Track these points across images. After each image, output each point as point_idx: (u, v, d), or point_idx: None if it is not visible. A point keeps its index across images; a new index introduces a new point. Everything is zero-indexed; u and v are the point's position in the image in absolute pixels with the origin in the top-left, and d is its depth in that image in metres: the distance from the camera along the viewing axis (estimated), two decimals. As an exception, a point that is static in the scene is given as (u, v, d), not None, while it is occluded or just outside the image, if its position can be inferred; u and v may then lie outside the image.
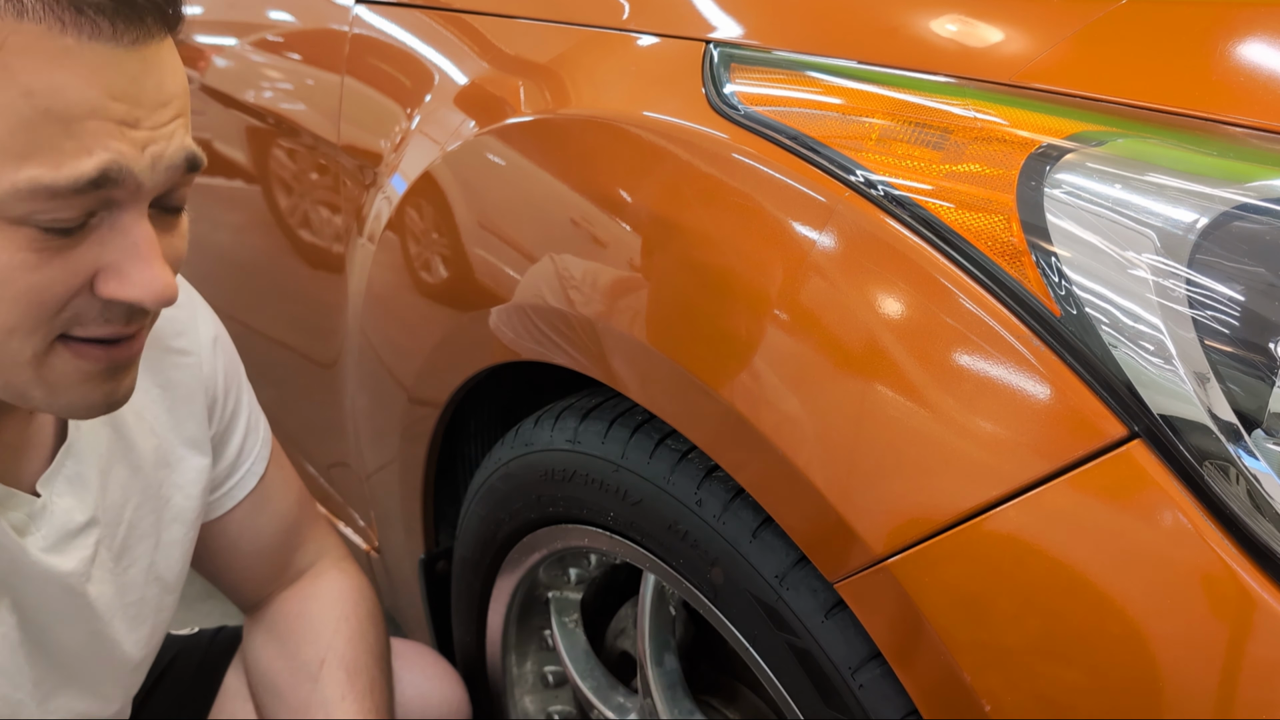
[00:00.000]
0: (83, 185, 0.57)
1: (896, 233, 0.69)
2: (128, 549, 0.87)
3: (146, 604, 0.90)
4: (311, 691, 1.00)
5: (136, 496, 0.88)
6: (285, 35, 1.41)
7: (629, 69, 0.93)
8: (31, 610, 0.81)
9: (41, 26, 0.54)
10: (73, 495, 0.82)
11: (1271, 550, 0.56)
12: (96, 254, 0.61)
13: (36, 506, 0.80)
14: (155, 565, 0.91)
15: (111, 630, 0.87)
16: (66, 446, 0.82)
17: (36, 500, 0.80)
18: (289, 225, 1.38)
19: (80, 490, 0.83)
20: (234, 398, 0.99)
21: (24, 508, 0.79)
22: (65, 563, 0.82)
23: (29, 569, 0.79)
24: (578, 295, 0.88)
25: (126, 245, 0.61)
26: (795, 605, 0.77)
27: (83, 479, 0.83)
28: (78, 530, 0.83)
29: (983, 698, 0.65)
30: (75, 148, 0.56)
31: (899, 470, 0.67)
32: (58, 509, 0.81)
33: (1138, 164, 0.64)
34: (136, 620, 0.89)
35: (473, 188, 1.03)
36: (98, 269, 0.61)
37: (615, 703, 1.12)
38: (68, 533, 0.82)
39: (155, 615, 0.92)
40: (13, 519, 0.78)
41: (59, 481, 0.81)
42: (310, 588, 1.08)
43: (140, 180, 0.60)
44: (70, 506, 0.82)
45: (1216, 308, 0.59)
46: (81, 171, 0.57)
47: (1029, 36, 0.77)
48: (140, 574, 0.89)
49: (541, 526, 1.04)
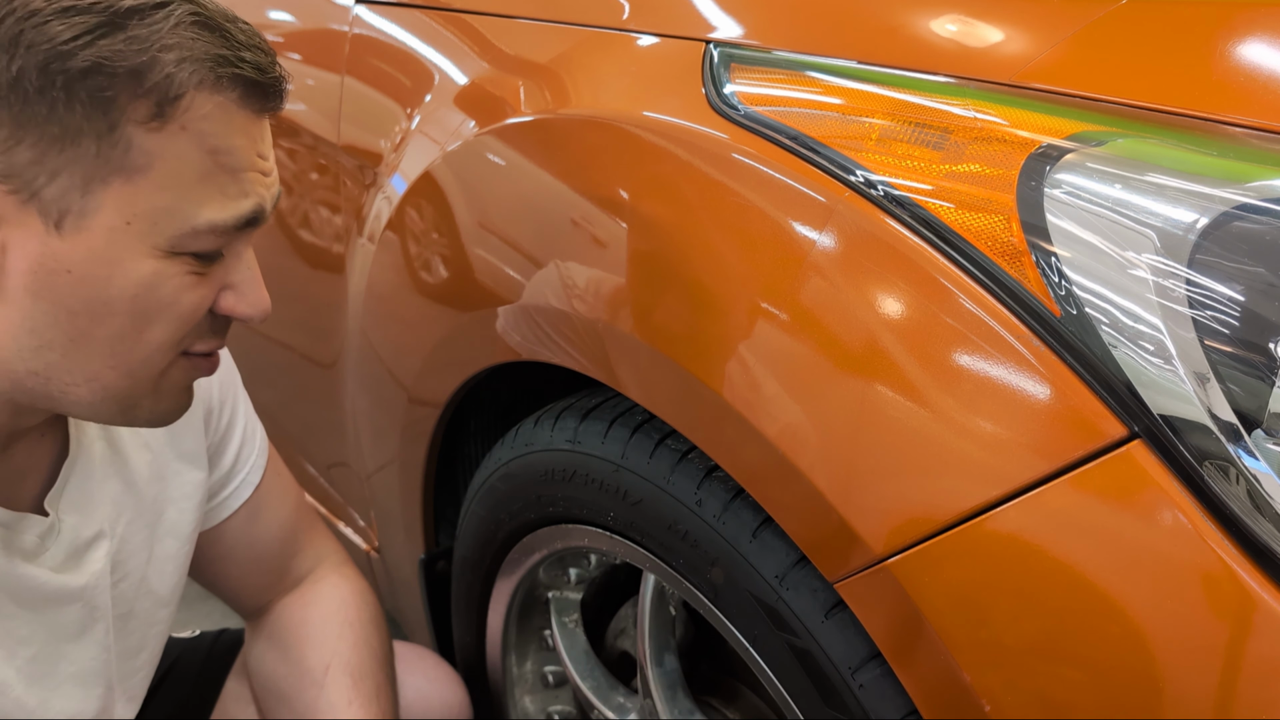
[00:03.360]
0: (241, 223, 0.71)
1: (896, 233, 0.69)
2: (119, 563, 0.87)
3: (137, 618, 0.90)
4: (318, 697, 1.00)
5: (129, 511, 0.88)
6: (285, 35, 1.41)
7: (629, 69, 0.93)
8: (46, 633, 0.81)
9: (218, 98, 0.68)
10: (79, 511, 0.83)
11: (1271, 550, 0.56)
12: (222, 276, 0.73)
13: (45, 526, 0.80)
14: (148, 579, 0.91)
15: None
16: (70, 462, 0.82)
17: (45, 520, 0.80)
18: (289, 225, 1.38)
19: (85, 505, 0.83)
20: (230, 407, 0.99)
21: (34, 529, 0.79)
22: (77, 578, 0.82)
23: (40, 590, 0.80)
24: (577, 295, 0.88)
25: (243, 269, 0.74)
26: (795, 605, 0.77)
27: (87, 494, 0.83)
28: (86, 545, 0.83)
29: (983, 697, 0.65)
30: (236, 193, 0.70)
31: (899, 470, 0.67)
32: (66, 526, 0.82)
33: (1138, 164, 0.64)
34: (123, 633, 0.89)
35: (473, 188, 1.03)
36: (221, 288, 0.74)
37: (615, 703, 1.12)
38: (77, 548, 0.82)
39: (147, 629, 0.92)
40: (25, 542, 0.79)
41: (65, 499, 0.82)
42: (311, 594, 1.07)
43: (268, 216, 0.74)
44: (77, 523, 0.82)
45: (1216, 308, 0.59)
46: (241, 212, 0.70)
47: (1029, 36, 0.77)
48: (131, 587, 0.89)
49: (541, 526, 1.04)
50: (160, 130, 0.66)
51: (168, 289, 0.69)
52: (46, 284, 0.67)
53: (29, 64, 0.63)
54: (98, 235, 0.66)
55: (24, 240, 0.66)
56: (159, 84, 0.65)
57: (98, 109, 0.64)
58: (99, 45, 0.63)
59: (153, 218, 0.67)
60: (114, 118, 0.65)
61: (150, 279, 0.69)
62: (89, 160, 0.65)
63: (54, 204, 0.65)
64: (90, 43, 0.63)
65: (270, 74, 0.70)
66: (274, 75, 0.71)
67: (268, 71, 0.70)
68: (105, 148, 0.65)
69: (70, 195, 0.65)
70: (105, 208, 0.66)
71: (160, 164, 0.66)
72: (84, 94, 0.64)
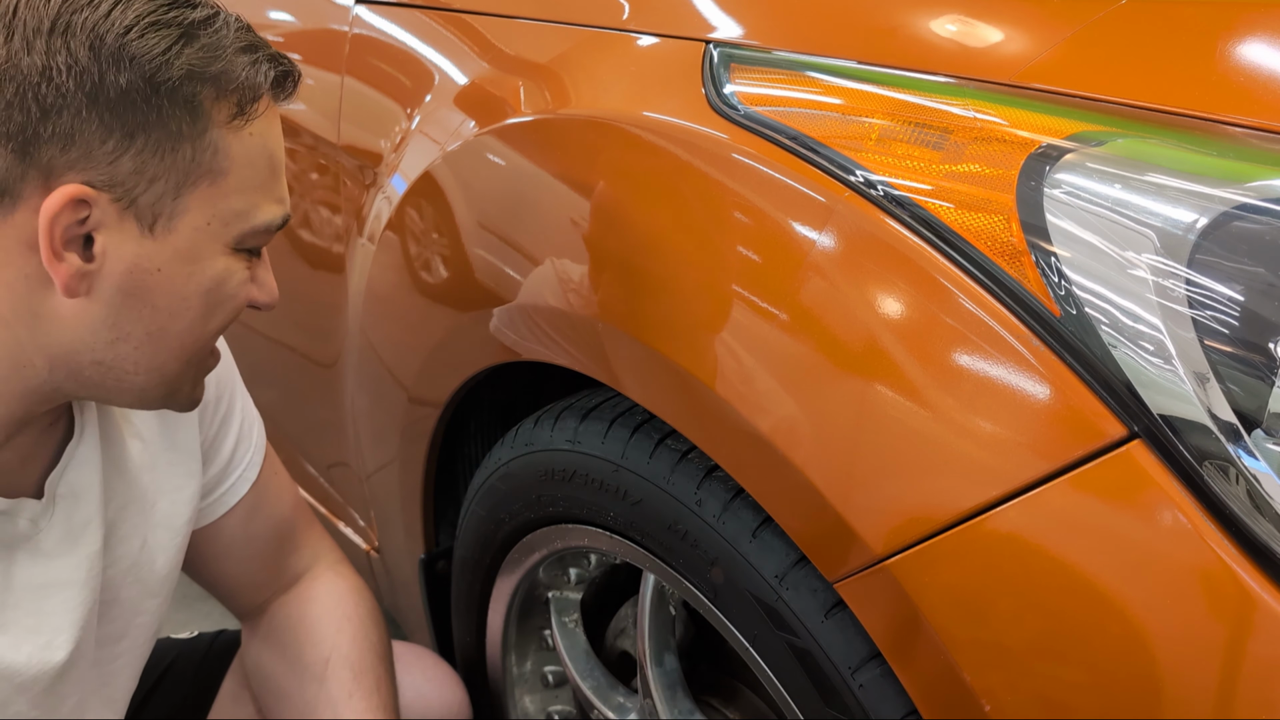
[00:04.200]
0: (283, 222, 0.77)
1: (896, 233, 0.69)
2: (109, 548, 0.88)
3: (120, 604, 0.91)
4: (318, 692, 1.00)
5: (120, 498, 0.88)
6: (285, 35, 1.41)
7: (629, 69, 0.93)
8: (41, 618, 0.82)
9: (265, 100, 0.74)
10: (76, 494, 0.83)
11: (1271, 550, 0.56)
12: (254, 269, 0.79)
13: (39, 509, 0.81)
14: (138, 566, 0.91)
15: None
16: (74, 445, 0.83)
17: (38, 503, 0.81)
18: (289, 225, 1.38)
19: (83, 488, 0.84)
20: (226, 403, 0.99)
21: (28, 512, 0.80)
22: (71, 560, 0.83)
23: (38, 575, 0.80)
24: (577, 295, 0.88)
25: (263, 263, 0.80)
26: (795, 605, 0.77)
27: (85, 477, 0.84)
28: (81, 528, 0.84)
29: (982, 697, 0.65)
30: (280, 194, 0.77)
31: (899, 470, 0.67)
32: (60, 509, 0.82)
33: (1137, 164, 0.64)
34: (105, 619, 0.90)
35: (473, 188, 1.03)
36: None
37: (615, 703, 1.12)
38: (71, 531, 0.83)
39: (131, 617, 0.92)
40: (19, 527, 0.79)
41: (64, 482, 0.83)
42: (309, 591, 1.07)
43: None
44: (72, 506, 0.83)
45: (1216, 308, 0.59)
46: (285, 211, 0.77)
47: (1029, 36, 0.77)
48: (120, 574, 0.89)
49: (541, 526, 1.04)
50: (240, 131, 0.72)
51: (233, 283, 0.76)
52: (139, 283, 0.72)
53: (136, 76, 0.68)
54: (183, 236, 0.72)
55: (121, 244, 0.70)
56: (240, 85, 0.71)
57: (190, 114, 0.70)
58: (186, 54, 0.69)
59: (225, 218, 0.73)
60: (204, 123, 0.70)
61: (222, 274, 0.75)
62: (184, 165, 0.70)
63: (149, 209, 0.70)
64: (180, 52, 0.69)
65: (286, 64, 0.76)
66: (288, 65, 0.76)
67: (283, 62, 0.76)
68: (198, 152, 0.71)
69: (164, 200, 0.70)
70: (191, 210, 0.72)
71: (236, 168, 0.73)
72: (181, 101, 0.69)
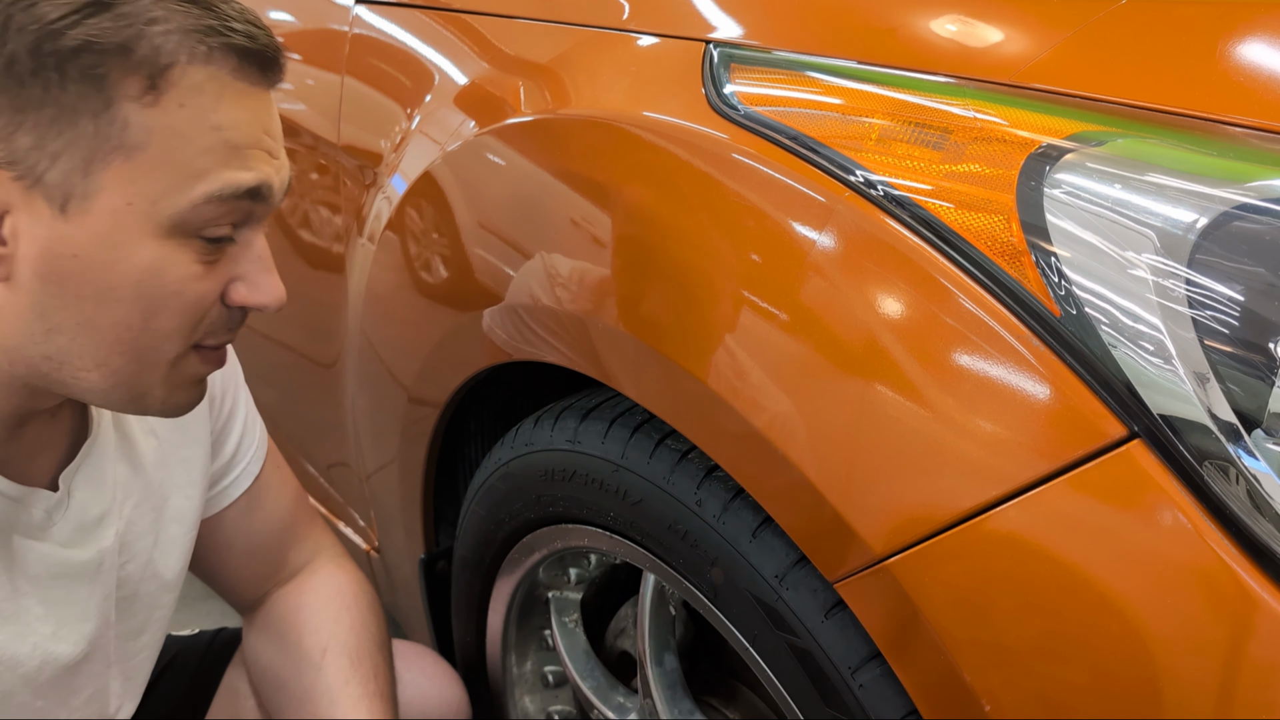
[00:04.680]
0: (241, 192, 0.69)
1: (896, 233, 0.69)
2: (126, 544, 0.88)
3: (141, 600, 0.91)
4: (315, 679, 1.00)
5: (136, 495, 0.89)
6: (285, 35, 1.41)
7: (629, 69, 0.93)
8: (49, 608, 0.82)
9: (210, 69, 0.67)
10: (90, 489, 0.84)
11: (1271, 550, 0.56)
12: (231, 267, 0.73)
13: (53, 501, 0.81)
14: (154, 562, 0.92)
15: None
16: (90, 442, 0.84)
17: (53, 495, 0.81)
18: (289, 225, 1.39)
19: (98, 484, 0.85)
20: (231, 397, 1.01)
21: (42, 503, 0.80)
22: (84, 553, 0.84)
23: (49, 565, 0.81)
24: (576, 295, 0.88)
25: (254, 258, 0.74)
26: (795, 605, 0.77)
27: (99, 472, 0.85)
28: (95, 522, 0.84)
29: (982, 697, 0.65)
30: (238, 165, 0.69)
31: (899, 470, 0.67)
32: (74, 501, 0.83)
33: (1137, 164, 0.64)
34: (126, 614, 0.90)
35: (473, 188, 1.03)
36: (230, 280, 0.73)
37: (615, 703, 1.12)
38: (84, 525, 0.84)
39: (150, 611, 0.93)
40: (34, 516, 0.80)
41: (80, 476, 0.83)
42: (308, 583, 1.08)
43: (276, 198, 0.73)
44: (86, 499, 0.84)
45: (1216, 308, 0.59)
46: (242, 181, 0.69)
47: (1029, 36, 0.77)
48: (138, 569, 0.90)
49: (541, 526, 1.04)
50: (155, 105, 0.66)
51: (172, 276, 0.69)
52: (55, 269, 0.67)
53: (20, 46, 0.63)
54: (102, 218, 0.67)
55: (32, 226, 0.66)
56: (147, 57, 0.65)
57: (91, 87, 0.64)
58: (87, 24, 0.64)
59: (153, 197, 0.67)
60: (108, 95, 0.65)
61: (154, 264, 0.69)
62: (88, 140, 0.65)
63: (58, 188, 0.66)
64: (78, 21, 0.64)
65: (261, 41, 0.70)
66: (265, 43, 0.70)
67: (258, 39, 0.70)
68: (103, 126, 0.65)
69: (73, 178, 0.65)
70: (107, 189, 0.66)
71: (158, 141, 0.66)
72: (76, 73, 0.64)
